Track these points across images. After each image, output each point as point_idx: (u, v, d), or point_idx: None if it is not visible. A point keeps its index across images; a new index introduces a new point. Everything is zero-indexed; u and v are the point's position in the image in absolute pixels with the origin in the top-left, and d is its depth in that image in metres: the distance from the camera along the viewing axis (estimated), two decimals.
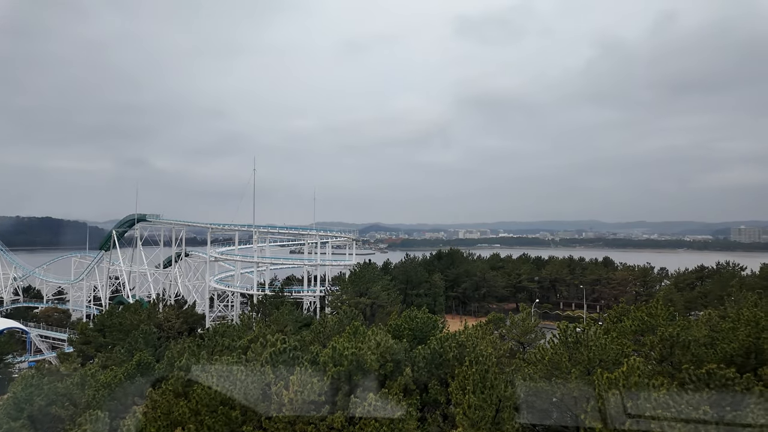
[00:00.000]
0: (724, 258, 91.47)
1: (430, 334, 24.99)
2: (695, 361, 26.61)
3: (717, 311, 34.73)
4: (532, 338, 43.22)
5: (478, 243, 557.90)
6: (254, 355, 28.25)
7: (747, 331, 26.02)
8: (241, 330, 40.47)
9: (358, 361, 22.09)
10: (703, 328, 29.99)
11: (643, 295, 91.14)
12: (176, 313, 63.32)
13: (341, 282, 50.70)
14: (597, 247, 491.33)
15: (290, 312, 43.40)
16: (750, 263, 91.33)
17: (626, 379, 18.49)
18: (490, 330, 43.49)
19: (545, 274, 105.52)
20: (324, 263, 67.66)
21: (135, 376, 29.33)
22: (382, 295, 47.73)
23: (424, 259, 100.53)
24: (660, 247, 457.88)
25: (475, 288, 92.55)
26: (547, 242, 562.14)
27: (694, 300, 72.70)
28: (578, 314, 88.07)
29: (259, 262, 67.45)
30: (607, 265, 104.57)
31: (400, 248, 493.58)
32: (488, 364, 20.13)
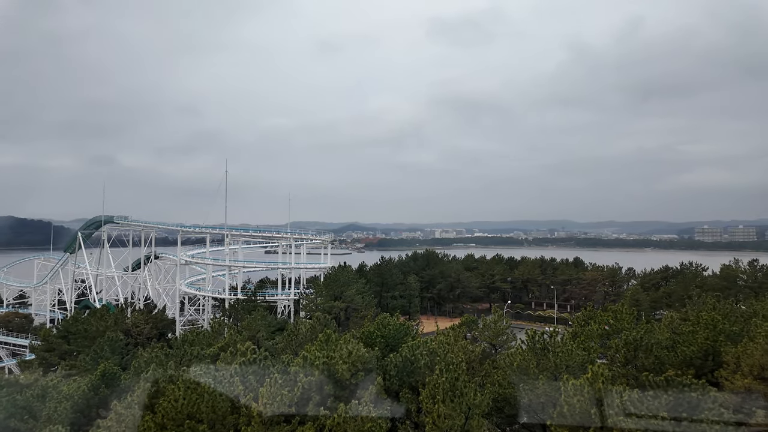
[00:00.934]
0: (689, 257, 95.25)
1: (402, 341, 25.07)
2: (657, 363, 27.61)
3: (678, 313, 36.05)
4: (504, 340, 43.96)
5: (454, 242, 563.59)
6: (224, 364, 27.83)
7: (705, 335, 27.13)
8: (211, 336, 39.71)
9: (329, 370, 21.99)
10: (665, 331, 31.08)
11: (612, 295, 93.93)
12: (145, 318, 61.67)
13: (316, 285, 50.31)
14: (569, 247, 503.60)
15: (263, 317, 42.82)
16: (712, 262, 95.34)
17: (591, 386, 18.99)
18: (462, 333, 43.97)
19: (518, 275, 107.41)
20: (298, 266, 66.96)
21: (99, 388, 28.40)
22: (357, 299, 47.61)
23: (400, 260, 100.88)
24: (628, 247, 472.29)
25: (449, 289, 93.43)
26: (521, 241, 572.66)
27: (659, 300, 75.34)
28: (549, 314, 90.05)
29: (232, 266, 66.19)
30: (578, 266, 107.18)
31: (377, 248, 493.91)
32: (458, 371, 20.34)
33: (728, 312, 30.77)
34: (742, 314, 32.98)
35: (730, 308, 32.85)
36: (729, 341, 26.17)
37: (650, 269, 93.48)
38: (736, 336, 26.73)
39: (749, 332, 26.73)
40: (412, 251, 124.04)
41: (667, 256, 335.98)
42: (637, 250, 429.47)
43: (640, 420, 16.99)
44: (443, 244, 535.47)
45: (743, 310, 33.95)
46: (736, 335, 26.78)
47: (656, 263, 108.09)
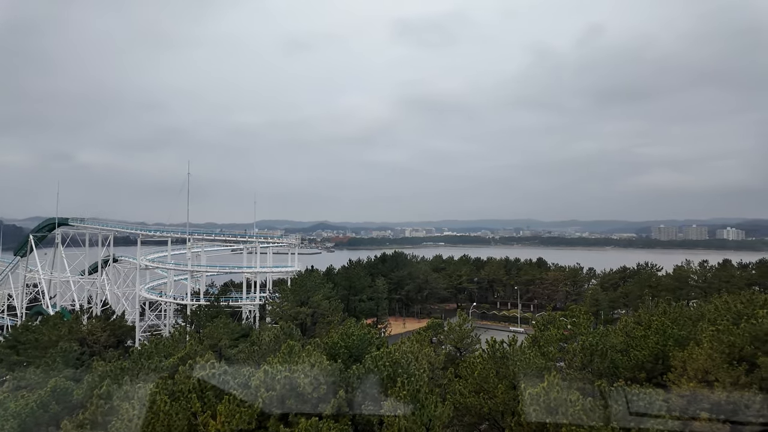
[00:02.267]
0: (646, 256, 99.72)
1: (366, 352, 25.07)
2: (612, 367, 28.73)
3: (632, 317, 37.55)
4: (468, 343, 44.71)
5: (424, 241, 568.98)
6: (182, 377, 27.07)
7: (656, 339, 28.40)
8: (171, 346, 38.56)
9: (291, 384, 21.76)
10: (619, 335, 32.32)
11: (573, 294, 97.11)
12: (102, 326, 59.25)
13: (282, 291, 49.61)
14: (533, 245, 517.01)
15: (225, 325, 41.92)
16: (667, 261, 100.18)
17: (547, 394, 19.55)
18: (428, 337, 44.38)
19: (484, 275, 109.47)
20: (264, 270, 65.83)
21: (50, 404, 27.11)
22: (324, 304, 47.28)
23: (369, 261, 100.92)
24: (590, 245, 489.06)
25: (418, 290, 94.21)
26: (488, 240, 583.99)
27: (617, 300, 78.39)
28: (513, 314, 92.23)
29: (194, 271, 64.36)
30: (541, 266, 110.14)
31: (347, 247, 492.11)
32: (420, 383, 20.53)
33: (677, 316, 32.30)
34: (690, 317, 34.67)
35: (679, 312, 34.48)
36: (677, 346, 27.47)
37: (609, 269, 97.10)
38: (684, 340, 28.07)
39: (696, 336, 28.15)
40: (382, 251, 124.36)
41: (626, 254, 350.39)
42: (598, 249, 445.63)
43: (592, 429, 17.65)
44: (413, 243, 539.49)
45: (692, 313, 35.71)
46: (684, 339, 28.13)
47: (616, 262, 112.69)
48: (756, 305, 28.69)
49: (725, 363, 24.04)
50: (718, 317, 28.92)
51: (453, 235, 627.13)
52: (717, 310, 30.35)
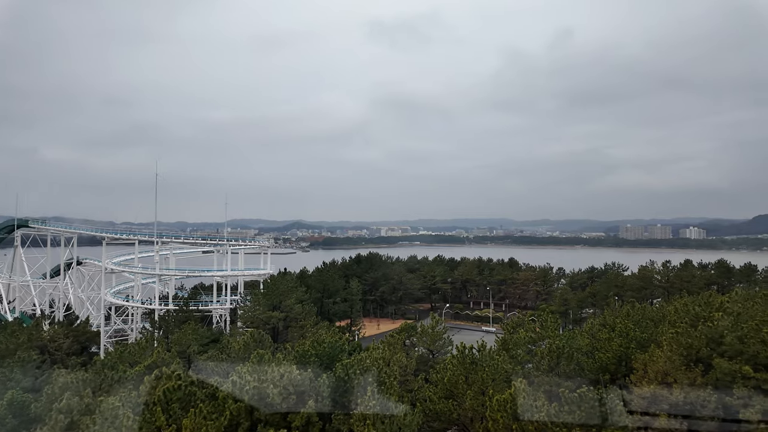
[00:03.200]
0: (614, 255, 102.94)
1: (337, 359, 24.96)
2: (578, 369, 29.47)
3: (598, 319, 38.66)
4: (441, 345, 45.13)
5: (400, 241, 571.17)
6: (146, 388, 26.36)
7: (619, 342, 29.29)
8: (137, 353, 37.50)
9: (260, 395, 21.50)
10: (585, 337, 33.22)
11: (543, 294, 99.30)
12: (65, 332, 57.14)
13: (253, 295, 48.86)
14: (506, 244, 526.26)
15: (194, 331, 41.03)
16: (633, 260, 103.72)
17: (514, 400, 19.93)
18: (401, 340, 44.59)
19: (457, 276, 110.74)
20: (235, 273, 64.61)
21: (6, 419, 25.97)
22: (297, 308, 46.82)
23: (344, 262, 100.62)
24: (561, 244, 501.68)
25: (392, 291, 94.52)
26: (463, 240, 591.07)
27: (585, 299, 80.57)
28: (486, 313, 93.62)
29: (162, 274, 62.58)
30: (512, 266, 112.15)
31: (322, 246, 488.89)
32: (390, 391, 20.60)
33: (640, 318, 33.43)
34: (652, 318, 35.92)
35: (641, 314, 35.70)
36: (639, 348, 28.42)
37: (578, 269, 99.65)
38: (646, 342, 29.06)
39: (657, 338, 29.18)
40: (357, 250, 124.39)
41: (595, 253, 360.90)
42: (568, 248, 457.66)
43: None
44: (389, 243, 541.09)
45: (654, 314, 36.99)
46: (646, 342, 29.12)
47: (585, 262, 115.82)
48: (712, 308, 29.95)
49: (683, 365, 25.02)
50: (678, 320, 30.05)
51: (428, 235, 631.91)
52: (677, 313, 31.55)
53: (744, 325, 26.79)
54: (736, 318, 28.36)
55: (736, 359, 25.34)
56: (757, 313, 28.27)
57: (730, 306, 30.67)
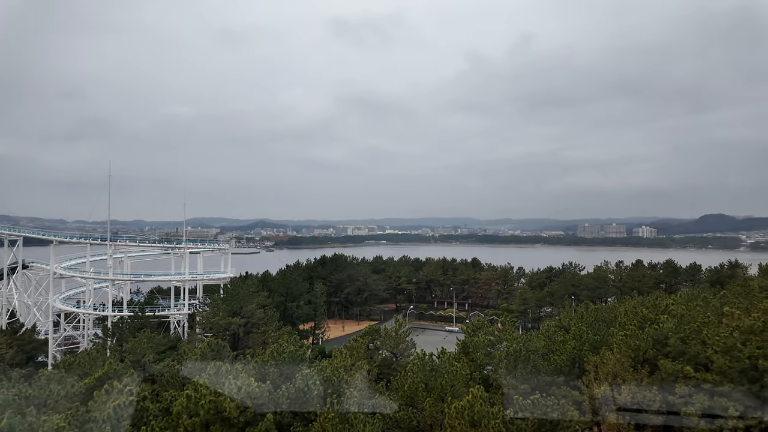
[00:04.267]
0: (571, 253, 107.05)
1: (298, 369, 24.70)
2: (534, 371, 30.37)
3: (554, 321, 39.96)
4: (404, 348, 45.51)
5: (366, 240, 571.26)
6: (96, 405, 25.20)
7: (573, 344, 30.39)
8: (87, 364, 35.81)
9: (216, 409, 20.99)
10: (541, 339, 34.26)
11: (504, 293, 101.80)
12: (8, 341, 53.97)
13: (212, 300, 47.50)
14: (470, 243, 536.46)
15: (149, 339, 39.55)
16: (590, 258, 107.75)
17: (471, 407, 20.30)
18: (364, 344, 44.60)
19: (422, 276, 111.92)
20: (194, 278, 62.57)
21: None
22: (258, 314, 45.94)
23: (308, 264, 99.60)
24: (522, 243, 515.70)
25: (357, 292, 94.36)
26: (428, 238, 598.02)
27: (543, 299, 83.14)
28: (449, 313, 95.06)
29: (116, 279, 59.74)
30: (475, 266, 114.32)
31: (287, 246, 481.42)
32: (350, 402, 20.56)
33: (593, 320, 34.81)
34: (605, 320, 37.46)
35: (594, 315, 37.19)
36: (592, 350, 29.59)
37: (537, 269, 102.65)
38: (598, 344, 30.29)
39: (608, 340, 30.47)
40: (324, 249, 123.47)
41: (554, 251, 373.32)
42: (529, 246, 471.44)
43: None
44: (355, 242, 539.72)
45: (606, 316, 38.57)
46: (598, 344, 30.35)
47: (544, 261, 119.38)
48: (659, 310, 31.52)
49: (631, 366, 26.25)
50: (627, 321, 31.45)
51: (395, 233, 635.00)
52: (626, 315, 33.01)
53: (686, 327, 28.39)
54: (680, 320, 30.00)
55: (679, 360, 26.82)
56: (698, 315, 30.03)
57: (674, 308, 32.41)
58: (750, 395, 23.94)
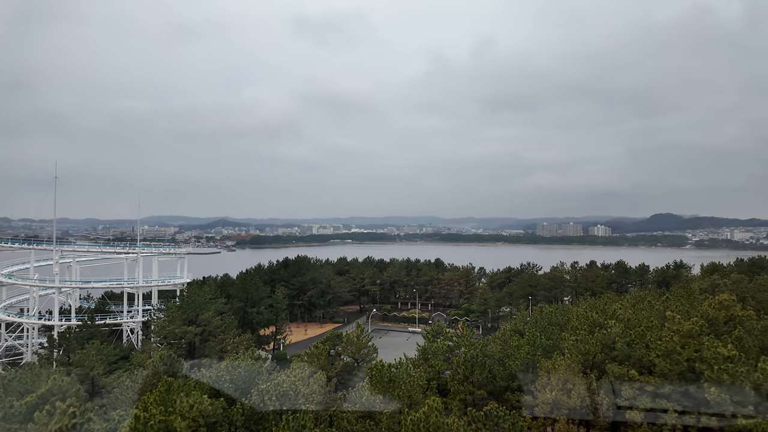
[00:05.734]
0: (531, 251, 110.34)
1: (254, 384, 24.24)
2: (490, 377, 31.11)
3: (510, 325, 41.02)
4: (366, 353, 45.55)
5: (332, 239, 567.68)
6: (37, 427, 23.86)
7: (527, 349, 31.30)
8: (29, 380, 33.83)
9: (167, 429, 20.33)
10: (498, 343, 35.11)
11: (466, 293, 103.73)
12: None
13: (167, 308, 45.83)
14: (435, 242, 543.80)
15: (99, 350, 37.78)
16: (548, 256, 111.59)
17: (427, 419, 20.55)
18: (325, 350, 44.32)
19: (386, 277, 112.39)
20: (149, 284, 59.96)
21: None
22: (215, 321, 44.75)
23: (270, 266, 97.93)
24: (484, 241, 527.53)
25: (321, 295, 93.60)
26: (394, 237, 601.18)
27: (502, 299, 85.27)
28: (413, 314, 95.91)
29: (63, 287, 56.47)
30: (438, 266, 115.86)
31: (250, 245, 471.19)
32: (305, 419, 20.39)
33: (546, 324, 36.00)
34: (558, 323, 38.78)
35: (548, 319, 38.47)
36: (545, 354, 30.57)
37: (497, 269, 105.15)
38: (551, 349, 31.32)
39: (560, 345, 31.55)
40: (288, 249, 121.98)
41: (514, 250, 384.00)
42: (491, 245, 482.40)
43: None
44: (320, 241, 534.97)
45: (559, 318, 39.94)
46: (551, 348, 31.38)
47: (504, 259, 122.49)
48: (607, 315, 32.92)
49: (580, 371, 27.30)
50: (579, 326, 32.66)
51: (360, 232, 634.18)
52: (578, 319, 34.27)
53: (631, 332, 29.80)
54: (626, 324, 31.45)
55: (625, 363, 28.14)
56: (642, 319, 31.58)
57: (622, 312, 33.94)
58: (688, 396, 25.45)
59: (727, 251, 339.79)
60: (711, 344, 25.66)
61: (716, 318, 29.86)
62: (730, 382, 23.97)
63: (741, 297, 40.16)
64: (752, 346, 26.77)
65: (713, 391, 23.67)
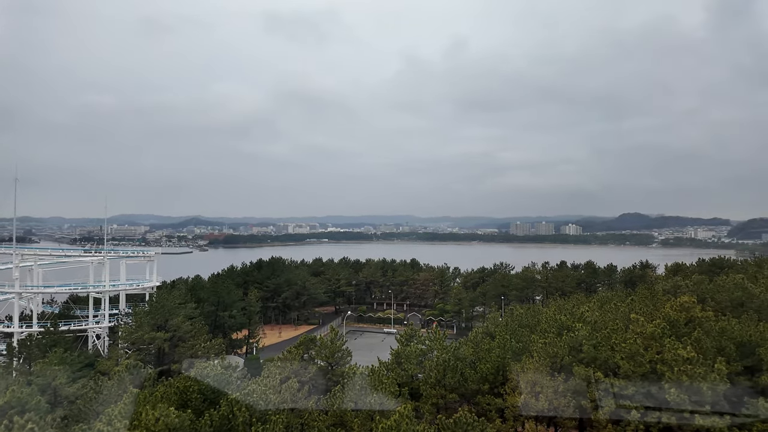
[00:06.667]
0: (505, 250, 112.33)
1: (223, 394, 23.84)
2: (462, 380, 31.48)
3: (482, 327, 41.61)
4: (340, 357, 45.44)
5: (308, 238, 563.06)
6: None
7: (498, 352, 31.81)
8: None
9: None
10: (470, 346, 35.56)
11: (441, 293, 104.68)
12: None
13: (135, 314, 44.53)
14: (411, 240, 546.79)
15: (61, 360, 36.46)
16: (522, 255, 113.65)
17: (398, 427, 20.66)
18: (299, 355, 44.02)
19: (362, 278, 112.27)
20: (116, 288, 58.03)
21: None
22: (185, 327, 43.81)
23: (243, 268, 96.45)
24: (460, 240, 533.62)
25: (295, 297, 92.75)
26: (371, 236, 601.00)
27: (476, 299, 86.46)
28: (388, 314, 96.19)
29: (23, 292, 54.01)
30: (414, 266, 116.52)
31: (223, 245, 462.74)
32: (275, 429, 20.22)
33: (517, 327, 36.71)
34: (528, 325, 39.57)
35: (519, 322, 39.25)
36: (515, 357, 31.15)
37: (471, 269, 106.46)
38: (521, 351, 31.93)
39: (530, 347, 32.19)
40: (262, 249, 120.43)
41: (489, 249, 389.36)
42: (466, 243, 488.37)
43: None
44: (296, 240, 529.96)
45: (529, 320, 40.78)
46: (521, 351, 32.00)
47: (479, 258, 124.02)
48: (575, 318, 33.76)
49: (548, 375, 27.94)
50: (548, 328, 33.41)
51: (337, 231, 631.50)
52: (547, 321, 35.05)
53: (597, 334, 30.65)
54: (593, 327, 32.34)
55: (591, 365, 28.93)
56: (608, 322, 32.53)
57: (589, 315, 34.87)
58: (650, 397, 26.37)
59: (691, 249, 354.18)
60: (672, 346, 26.65)
61: (677, 320, 30.99)
62: (688, 383, 24.98)
63: (701, 298, 41.77)
64: (710, 347, 27.90)
65: (673, 391, 24.63)
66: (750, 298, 40.03)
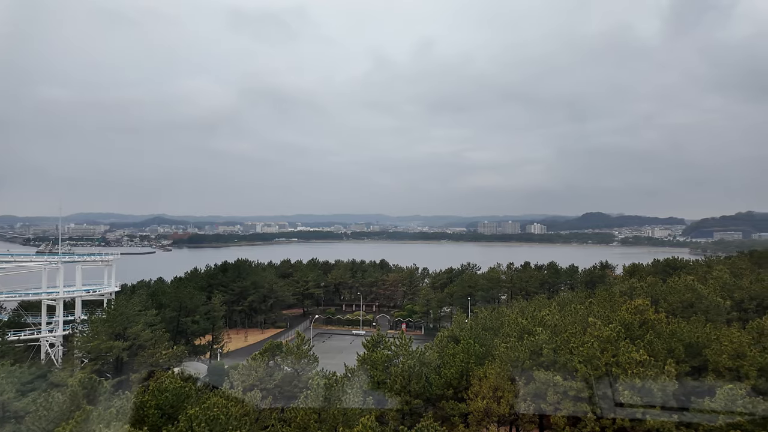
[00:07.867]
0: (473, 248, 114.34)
1: (182, 408, 23.21)
2: (427, 386, 31.81)
3: (447, 331, 42.13)
4: (306, 363, 45.13)
5: (277, 237, 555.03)
6: None
7: (462, 357, 32.28)
8: None
9: None
10: (435, 351, 35.95)
11: (409, 294, 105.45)
12: None
13: (91, 322, 42.69)
14: (381, 240, 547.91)
15: (9, 373, 34.57)
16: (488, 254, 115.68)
17: None
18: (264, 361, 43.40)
19: (330, 279, 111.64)
20: (71, 295, 55.24)
21: None
22: (145, 335, 42.40)
23: (207, 271, 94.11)
24: (429, 239, 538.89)
25: (262, 300, 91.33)
26: (341, 235, 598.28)
27: (444, 299, 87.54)
28: (357, 316, 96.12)
29: None
30: (383, 267, 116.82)
31: (188, 245, 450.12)
32: None
33: (480, 331, 37.38)
34: (492, 327, 40.36)
35: (483, 325, 39.99)
36: (478, 362, 31.70)
37: (439, 270, 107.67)
38: (484, 356, 32.53)
39: (493, 351, 32.83)
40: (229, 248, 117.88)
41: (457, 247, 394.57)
42: (435, 242, 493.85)
43: None
44: (265, 240, 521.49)
45: (493, 323, 41.59)
46: (484, 355, 32.59)
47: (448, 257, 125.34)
48: (536, 321, 34.65)
49: (509, 379, 28.59)
50: (510, 332, 34.16)
51: (307, 231, 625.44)
52: (509, 325, 35.83)
53: (557, 338, 31.55)
54: (553, 330, 33.27)
55: (551, 369, 29.77)
56: (568, 325, 33.54)
57: (549, 318, 35.87)
58: (605, 398, 27.40)
59: (648, 248, 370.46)
60: (626, 349, 27.74)
61: (632, 323, 32.29)
62: (641, 384, 26.10)
63: (655, 299, 43.72)
64: (661, 349, 29.22)
65: (626, 393, 25.69)
66: (699, 299, 42.18)
